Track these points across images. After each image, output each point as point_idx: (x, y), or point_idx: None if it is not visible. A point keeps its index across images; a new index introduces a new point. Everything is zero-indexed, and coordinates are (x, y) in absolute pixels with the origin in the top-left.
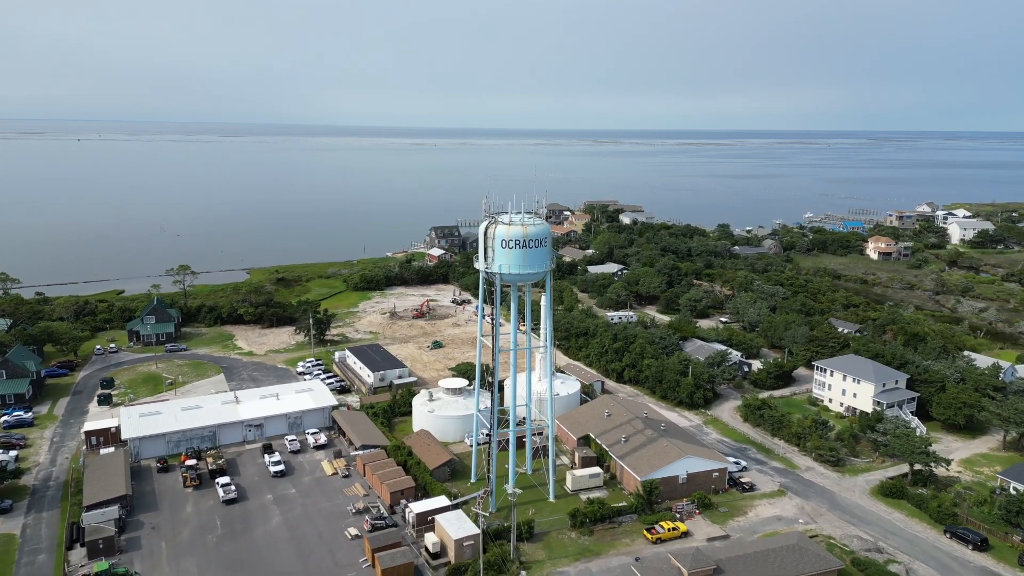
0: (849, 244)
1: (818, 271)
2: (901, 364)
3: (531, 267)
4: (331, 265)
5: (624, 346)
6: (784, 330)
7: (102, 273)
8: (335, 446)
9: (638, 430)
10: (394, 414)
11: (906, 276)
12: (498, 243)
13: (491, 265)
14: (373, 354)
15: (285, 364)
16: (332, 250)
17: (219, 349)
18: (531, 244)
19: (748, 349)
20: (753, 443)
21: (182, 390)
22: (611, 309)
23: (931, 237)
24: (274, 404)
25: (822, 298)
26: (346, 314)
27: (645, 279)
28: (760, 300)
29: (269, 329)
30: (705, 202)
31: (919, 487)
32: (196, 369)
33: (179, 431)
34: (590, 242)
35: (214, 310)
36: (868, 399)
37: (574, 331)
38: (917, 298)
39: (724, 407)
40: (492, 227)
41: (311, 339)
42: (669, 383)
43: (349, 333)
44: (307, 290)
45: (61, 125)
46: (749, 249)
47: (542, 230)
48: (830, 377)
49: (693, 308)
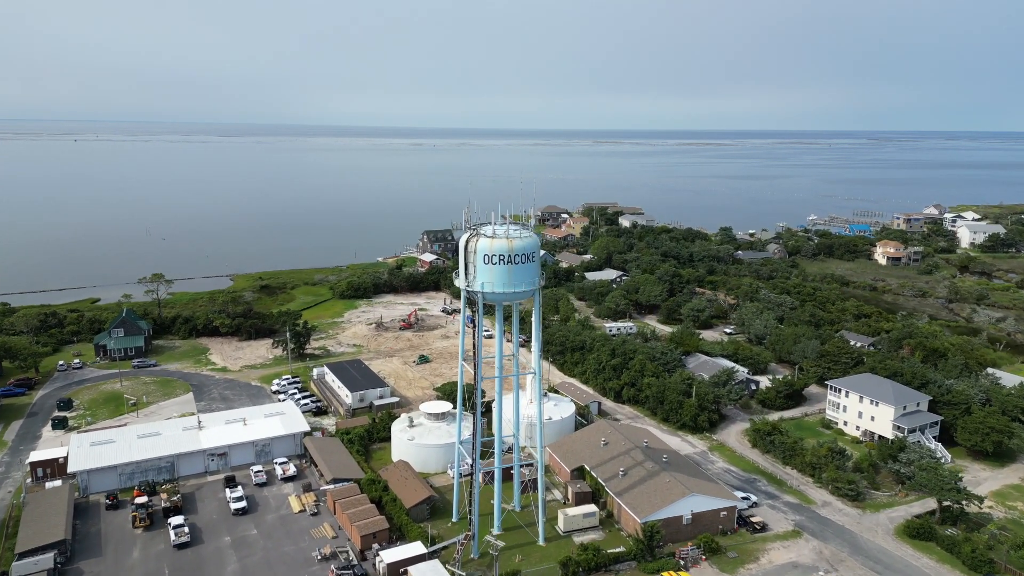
0: (856, 249)
1: (825, 277)
2: (922, 384)
3: (517, 285)
4: (319, 271)
5: (623, 363)
6: (793, 344)
7: (78, 280)
8: (305, 477)
9: (638, 462)
10: (372, 440)
11: (917, 283)
12: (480, 258)
13: (472, 283)
14: (353, 371)
15: (260, 382)
16: (322, 254)
17: (191, 364)
18: (517, 259)
19: (755, 364)
20: (763, 473)
21: (146, 411)
22: (609, 319)
23: (940, 241)
24: (240, 430)
25: (831, 307)
26: (329, 325)
27: (645, 287)
28: (767, 310)
29: (247, 342)
30: (706, 204)
31: (948, 526)
32: (163, 387)
33: (133, 462)
34: (588, 246)
35: (189, 321)
36: (887, 423)
37: (569, 345)
38: (930, 306)
39: (731, 430)
40: (473, 240)
41: (289, 354)
42: (671, 404)
43: (331, 346)
44: (291, 298)
45: (60, 125)
46: (753, 254)
47: (529, 243)
48: (845, 398)
49: (696, 319)
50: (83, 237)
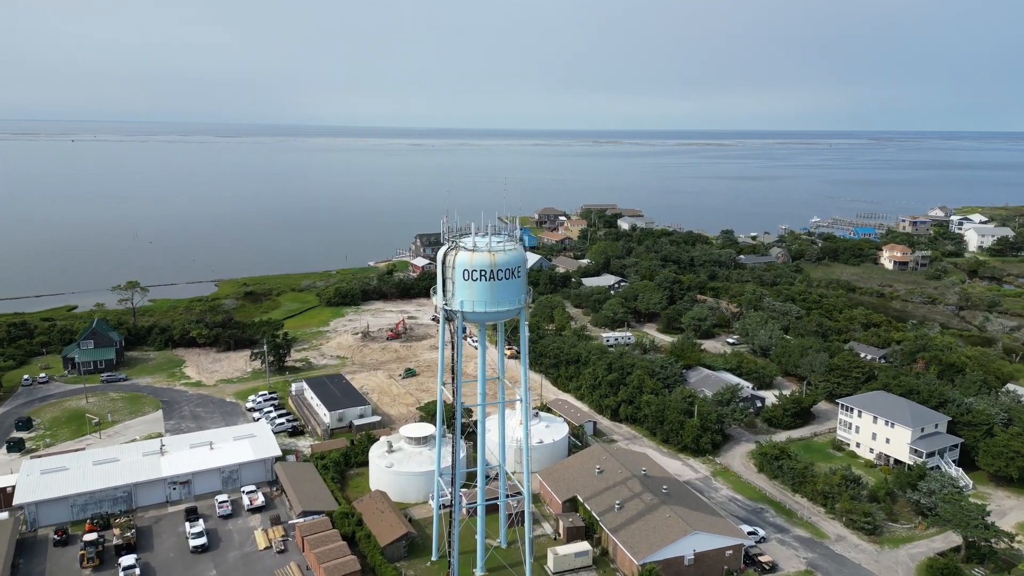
0: (862, 253)
1: (831, 283)
2: (939, 403)
3: (501, 304)
4: (307, 276)
5: (620, 378)
6: (800, 357)
7: (56, 286)
8: (275, 508)
9: (635, 493)
10: (350, 464)
11: (925, 288)
12: (459, 274)
13: (451, 301)
14: (332, 387)
15: (235, 397)
16: (313, 258)
17: (164, 378)
18: (500, 275)
19: (760, 378)
20: (771, 502)
21: (110, 431)
22: (607, 328)
23: (947, 244)
24: (206, 455)
25: (839, 316)
26: (314, 334)
27: (644, 294)
28: (771, 320)
29: (225, 353)
30: (707, 205)
31: (975, 564)
32: (132, 404)
33: (87, 493)
34: (586, 250)
35: (165, 331)
36: (904, 446)
37: (564, 358)
38: (940, 314)
39: (735, 453)
40: (452, 254)
41: (267, 367)
42: (672, 425)
43: (314, 358)
44: (276, 305)
45: (59, 126)
46: (755, 258)
47: (514, 257)
48: (857, 418)
49: (697, 328)
50: (66, 240)
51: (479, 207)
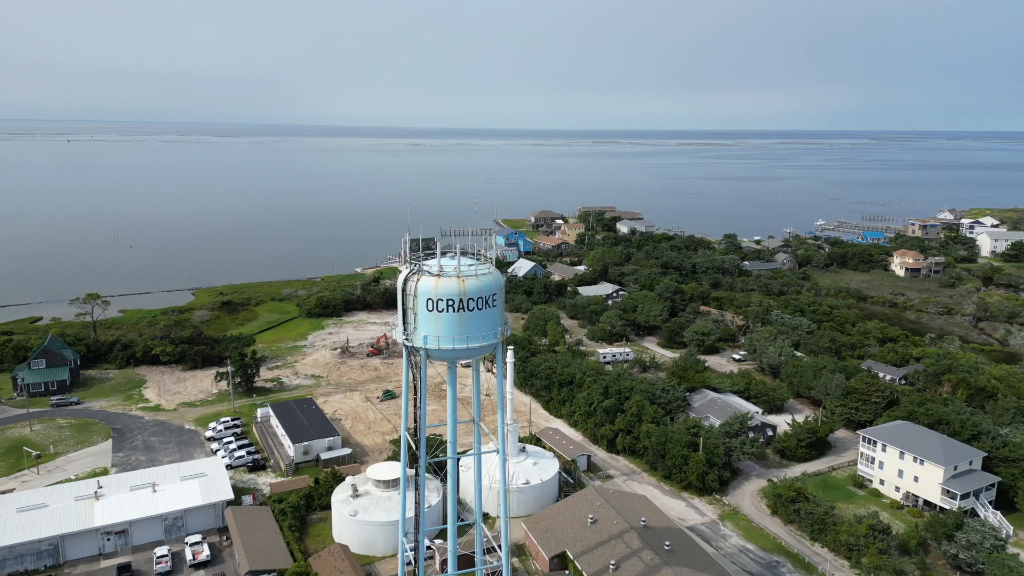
0: (872, 258)
1: (840, 291)
2: (972, 435)
3: (472, 339)
4: (289, 284)
5: (617, 404)
6: (814, 377)
7: (24, 294)
8: (221, 562)
9: (633, 550)
10: (312, 507)
11: (940, 297)
12: (421, 304)
13: (412, 336)
14: (300, 414)
15: (195, 424)
16: (298, 264)
17: (120, 402)
18: (472, 304)
19: (770, 402)
20: (787, 553)
21: (51, 466)
22: (604, 342)
23: (960, 249)
24: (147, 499)
25: (851, 329)
26: (289, 349)
27: (644, 305)
28: (780, 335)
29: (191, 372)
30: (708, 207)
31: None
32: (79, 433)
33: (5, 547)
34: (583, 256)
35: (128, 348)
36: (935, 486)
37: (556, 379)
38: (957, 326)
39: (745, 490)
40: (413, 279)
41: (232, 389)
42: (675, 459)
43: (287, 377)
44: (254, 316)
45: (56, 126)
46: (760, 265)
47: (488, 283)
48: (882, 452)
49: (700, 343)
50: (41, 244)
51: (474, 210)
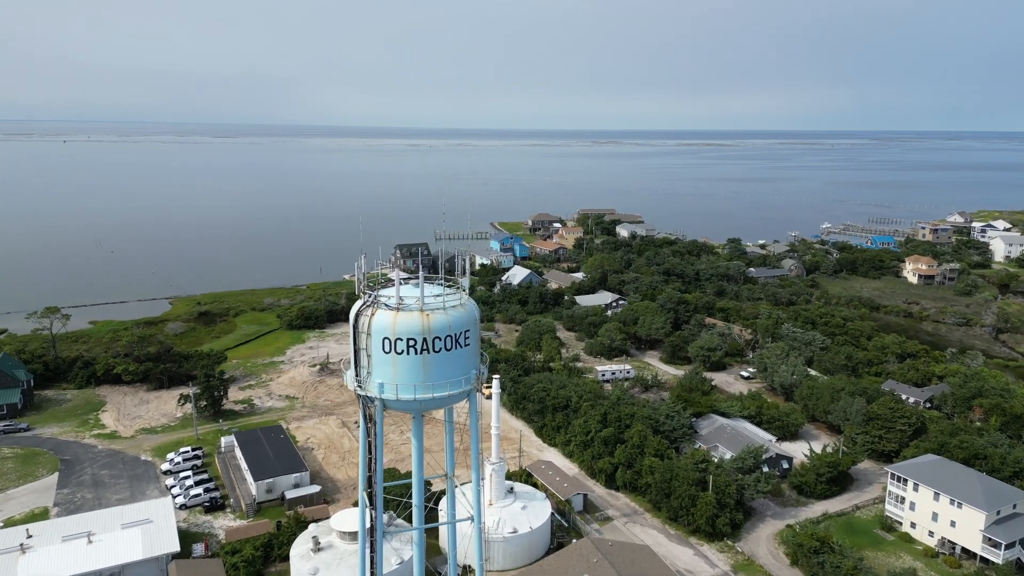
0: (882, 265)
1: (851, 300)
2: (1015, 472)
3: (439, 386)
4: (273, 292)
5: (616, 433)
6: (831, 401)
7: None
8: None
9: None
10: (272, 558)
11: (956, 306)
12: (376, 344)
13: (366, 383)
14: (266, 445)
15: (153, 455)
16: (286, 270)
17: (74, 428)
18: (438, 345)
19: (783, 427)
20: None
21: None
22: (603, 357)
23: (973, 254)
24: (80, 552)
25: (867, 344)
26: (265, 366)
27: (645, 318)
28: (793, 351)
29: (156, 393)
30: (710, 209)
31: None
32: (24, 465)
33: None
34: (581, 262)
35: (89, 366)
36: (975, 532)
37: (550, 403)
38: (977, 338)
39: (760, 535)
40: (367, 314)
41: (195, 414)
42: (681, 499)
43: (259, 398)
44: (232, 328)
45: (55, 126)
46: (767, 271)
47: (459, 317)
48: (913, 492)
49: (706, 359)
50: (20, 249)
51: (469, 213)
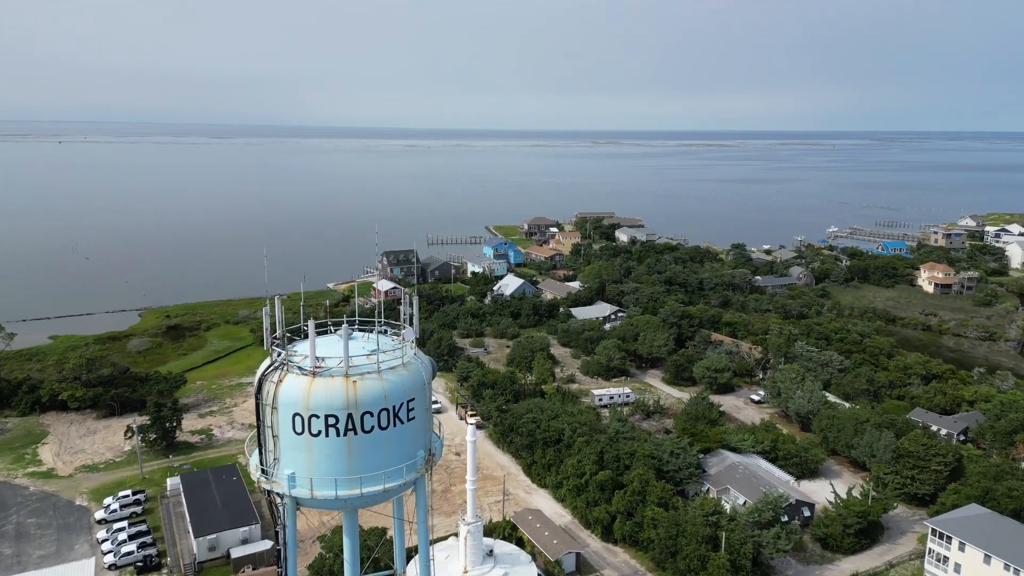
0: (896, 272)
1: (865, 312)
2: None
3: (370, 479)
4: (249, 303)
5: (614, 476)
6: (855, 434)
7: None
8: None
9: None
10: None
11: (977, 318)
12: (285, 421)
13: (273, 472)
14: (215, 489)
15: (89, 498)
16: (270, 277)
17: (7, 464)
18: (369, 422)
19: (801, 464)
20: None
21: None
22: (600, 378)
23: (989, 261)
24: None
25: (887, 363)
26: (231, 389)
27: (646, 334)
28: (808, 373)
29: (106, 421)
30: (711, 212)
31: None
32: None
33: None
34: (578, 270)
35: (35, 390)
36: None
37: (540, 436)
38: (1002, 353)
39: None
40: (272, 379)
41: (146, 446)
42: (689, 560)
43: (219, 428)
44: (202, 343)
45: (52, 127)
46: (774, 280)
47: (400, 383)
48: (958, 552)
49: (712, 381)
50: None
51: (465, 217)
